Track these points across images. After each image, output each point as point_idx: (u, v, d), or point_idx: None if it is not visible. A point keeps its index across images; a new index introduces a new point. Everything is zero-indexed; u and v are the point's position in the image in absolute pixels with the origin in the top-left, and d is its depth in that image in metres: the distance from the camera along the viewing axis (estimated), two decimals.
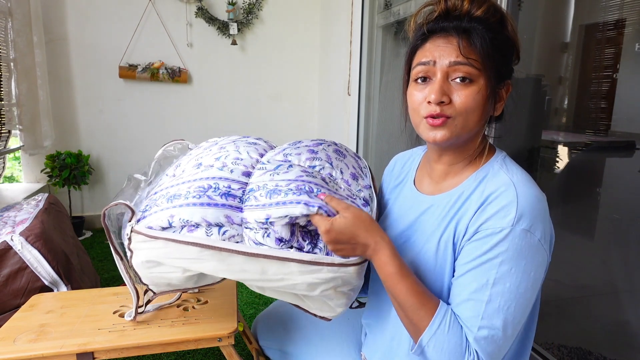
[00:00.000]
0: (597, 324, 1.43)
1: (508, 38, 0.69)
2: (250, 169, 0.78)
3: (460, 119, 0.67)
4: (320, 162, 0.80)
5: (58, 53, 2.74)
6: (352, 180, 0.81)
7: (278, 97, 3.30)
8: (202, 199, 0.69)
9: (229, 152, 0.82)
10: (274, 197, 0.68)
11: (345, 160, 0.85)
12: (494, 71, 0.67)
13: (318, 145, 0.86)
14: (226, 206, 0.70)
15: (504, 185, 0.64)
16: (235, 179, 0.75)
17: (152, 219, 0.70)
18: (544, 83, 1.56)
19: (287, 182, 0.71)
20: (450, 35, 0.67)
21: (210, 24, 2.96)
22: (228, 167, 0.77)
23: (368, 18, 2.53)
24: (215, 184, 0.73)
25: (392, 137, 2.56)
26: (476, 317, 0.61)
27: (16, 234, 1.31)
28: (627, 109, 1.26)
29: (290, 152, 0.83)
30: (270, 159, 0.81)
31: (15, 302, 1.24)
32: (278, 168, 0.76)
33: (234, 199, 0.71)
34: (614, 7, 1.28)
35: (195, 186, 0.72)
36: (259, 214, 0.68)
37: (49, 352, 0.87)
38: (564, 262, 1.50)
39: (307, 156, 0.81)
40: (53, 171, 2.60)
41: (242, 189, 0.73)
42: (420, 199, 0.78)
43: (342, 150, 0.88)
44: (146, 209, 0.73)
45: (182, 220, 0.68)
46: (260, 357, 1.10)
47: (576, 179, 1.54)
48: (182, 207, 0.69)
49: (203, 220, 0.68)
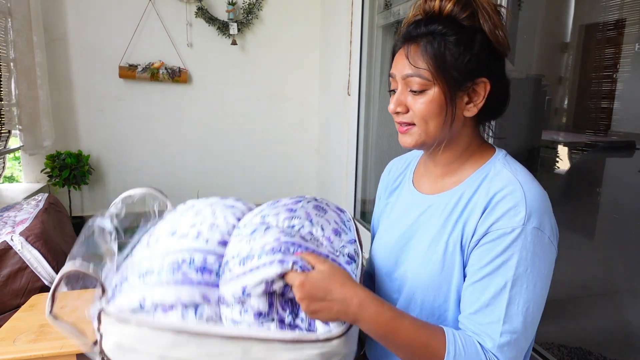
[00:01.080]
0: (597, 324, 1.43)
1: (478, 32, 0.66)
2: (226, 237, 0.73)
3: (422, 126, 0.69)
4: (300, 220, 0.76)
5: (58, 53, 2.74)
6: (335, 236, 0.77)
7: (278, 97, 3.30)
8: (176, 276, 0.63)
9: (205, 217, 0.76)
10: (247, 263, 0.64)
11: (327, 215, 0.81)
12: (451, 76, 0.66)
13: (297, 203, 0.82)
14: (202, 283, 0.64)
15: (510, 184, 0.64)
16: (211, 250, 0.69)
17: (122, 299, 0.63)
18: (544, 83, 1.56)
19: (261, 245, 0.66)
20: (404, 45, 0.69)
21: (210, 24, 2.96)
22: (203, 235, 0.72)
23: (368, 18, 2.53)
24: (190, 257, 0.67)
25: (392, 137, 2.56)
26: (497, 322, 0.60)
27: (16, 234, 1.31)
28: (627, 109, 1.26)
29: (267, 213, 0.78)
30: (247, 222, 0.76)
31: (15, 302, 1.24)
32: (254, 233, 0.71)
33: (210, 274, 0.66)
34: (614, 7, 1.28)
35: (170, 260, 0.66)
36: (234, 286, 0.62)
37: (49, 352, 0.87)
38: (564, 262, 1.50)
39: (285, 215, 0.77)
40: (53, 171, 2.60)
41: (218, 262, 0.68)
42: (419, 199, 0.78)
43: (322, 206, 0.84)
44: (116, 285, 0.67)
45: (155, 302, 0.62)
46: None
47: (576, 179, 1.54)
48: (154, 286, 0.63)
49: (178, 301, 0.62)
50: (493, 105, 0.70)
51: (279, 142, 3.36)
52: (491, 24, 0.66)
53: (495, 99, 0.70)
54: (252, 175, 3.35)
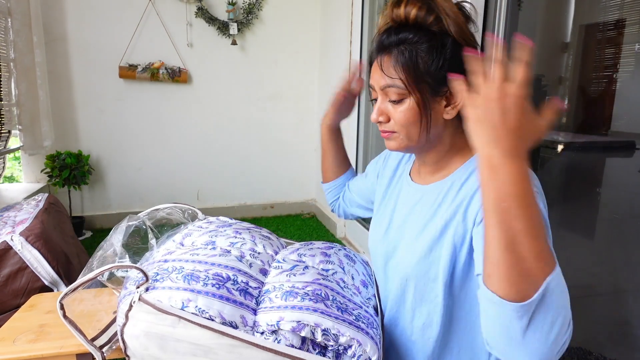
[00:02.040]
0: (597, 324, 1.43)
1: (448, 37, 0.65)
2: (266, 267, 0.76)
3: (403, 133, 0.71)
4: (333, 265, 0.78)
5: (58, 53, 2.74)
6: (363, 287, 0.79)
7: (278, 97, 3.30)
8: (222, 291, 0.66)
9: (245, 241, 0.80)
10: (289, 299, 0.67)
11: (355, 266, 0.84)
12: (426, 83, 0.66)
13: (330, 249, 0.85)
14: (243, 305, 0.66)
15: None
16: (254, 276, 0.72)
17: (164, 293, 0.65)
18: (544, 83, 1.56)
19: (303, 285, 0.69)
20: (378, 57, 0.70)
21: (210, 24, 2.96)
22: (247, 259, 0.75)
23: (368, 18, 2.53)
24: (235, 276, 0.69)
25: None
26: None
27: (16, 234, 1.31)
28: (627, 109, 1.27)
29: (304, 253, 0.81)
30: (285, 257, 0.80)
31: (15, 302, 1.24)
32: (294, 268, 0.75)
33: (251, 299, 0.68)
34: (614, 7, 1.28)
35: (214, 272, 0.69)
36: (272, 316, 0.65)
37: (49, 352, 0.87)
38: (564, 262, 1.50)
39: (320, 259, 0.80)
40: (53, 171, 2.60)
41: (258, 289, 0.71)
42: (414, 189, 0.80)
43: (351, 256, 0.86)
44: (156, 278, 0.68)
45: (198, 308, 0.64)
46: None
47: (576, 178, 1.54)
48: (201, 294, 0.65)
49: (219, 315, 0.64)
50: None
51: (278, 141, 3.36)
52: (456, 25, 0.66)
53: None
54: (252, 175, 3.35)
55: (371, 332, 0.69)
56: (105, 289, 1.19)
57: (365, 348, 0.66)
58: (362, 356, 0.65)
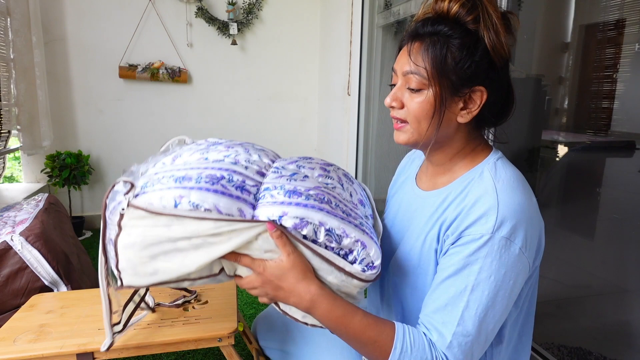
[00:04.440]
0: (597, 324, 1.43)
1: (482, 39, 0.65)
2: (264, 170, 0.73)
3: (414, 125, 0.70)
4: (332, 181, 0.76)
5: (57, 53, 2.73)
6: (360, 205, 0.78)
7: (278, 97, 3.30)
8: (216, 187, 0.63)
9: (239, 153, 0.76)
10: (293, 197, 0.64)
11: (354, 185, 0.83)
12: (449, 79, 0.65)
13: (329, 165, 0.83)
14: (240, 199, 0.63)
15: (486, 191, 0.64)
16: (250, 176, 0.69)
17: (154, 195, 0.62)
18: (544, 83, 1.56)
19: (306, 188, 0.67)
20: (409, 41, 0.69)
21: (210, 24, 2.96)
22: (242, 163, 0.71)
23: (368, 18, 2.53)
24: (230, 175, 0.66)
25: (392, 137, 2.56)
26: (452, 322, 0.61)
27: (16, 234, 1.31)
28: (627, 109, 1.26)
29: (303, 165, 0.78)
30: (284, 166, 0.76)
31: (15, 302, 1.24)
32: (294, 175, 0.72)
33: (249, 194, 0.65)
34: (614, 7, 1.28)
35: (207, 173, 0.65)
36: (273, 210, 0.63)
37: (49, 352, 0.87)
38: (564, 262, 1.50)
39: (319, 172, 0.77)
40: (53, 171, 2.59)
41: (256, 187, 0.68)
42: (417, 194, 0.79)
43: (349, 176, 0.85)
44: (146, 184, 0.65)
45: (192, 203, 0.60)
46: (260, 357, 1.10)
47: (576, 179, 1.54)
48: (194, 189, 0.61)
49: (215, 208, 0.60)
50: (489, 115, 0.69)
51: (278, 141, 3.36)
52: (493, 31, 0.64)
53: (491, 110, 0.69)
54: None
55: (374, 238, 0.68)
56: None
57: (370, 252, 0.65)
58: (366, 259, 0.65)
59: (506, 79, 0.70)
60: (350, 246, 0.64)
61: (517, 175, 0.68)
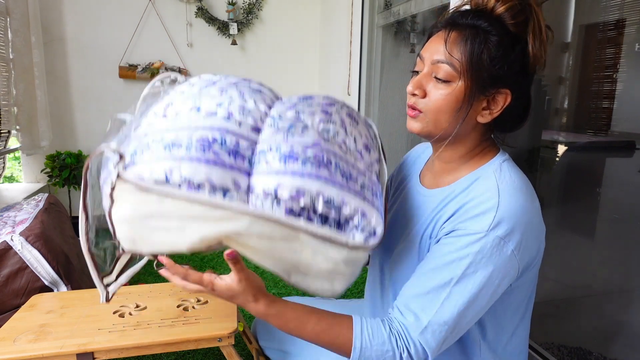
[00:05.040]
0: (597, 324, 1.43)
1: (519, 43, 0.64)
2: (259, 123, 0.68)
3: (431, 116, 0.68)
4: (334, 126, 0.70)
5: (57, 53, 2.73)
6: (365, 151, 0.73)
7: None
8: (208, 155, 0.59)
9: (233, 98, 0.70)
10: (289, 163, 0.60)
11: (359, 127, 0.77)
12: (480, 76, 0.64)
13: (331, 105, 0.76)
14: (234, 168, 0.60)
15: (488, 190, 0.64)
16: (244, 135, 0.64)
17: (144, 167, 0.59)
18: (544, 83, 1.56)
19: (303, 147, 0.62)
20: (446, 31, 0.67)
21: (210, 24, 2.96)
22: (235, 118, 0.66)
23: (368, 18, 2.53)
24: (222, 137, 0.62)
25: (392, 137, 2.56)
26: (431, 309, 0.62)
27: (16, 234, 1.31)
28: (627, 109, 1.27)
29: (302, 110, 0.72)
30: (281, 113, 0.70)
31: (15, 302, 1.24)
32: (292, 128, 0.66)
33: (243, 160, 0.62)
34: (614, 7, 1.28)
35: (198, 136, 0.61)
36: (269, 180, 0.59)
37: (49, 352, 0.87)
38: (564, 262, 1.50)
39: (320, 117, 0.71)
40: (53, 171, 2.59)
41: (251, 148, 0.63)
42: (420, 192, 0.79)
43: (354, 115, 0.79)
44: (135, 151, 0.61)
45: (183, 177, 0.57)
46: (260, 357, 1.10)
47: (576, 179, 1.54)
48: (184, 160, 0.58)
49: (207, 181, 0.58)
50: (507, 119, 0.69)
51: None
52: (538, 40, 0.64)
53: (511, 114, 0.69)
54: None
55: (376, 202, 0.65)
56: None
57: (371, 220, 0.62)
58: (367, 228, 0.61)
59: (530, 88, 0.70)
60: (351, 214, 0.61)
61: (522, 178, 0.67)
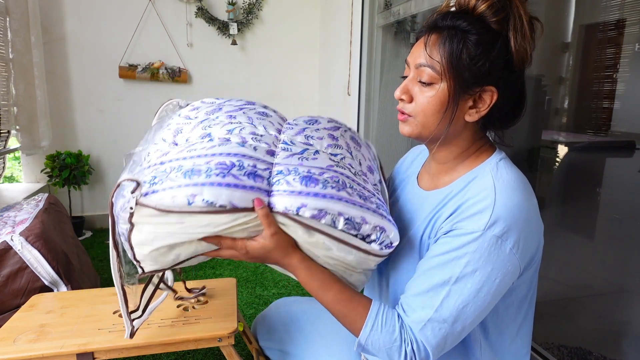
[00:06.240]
0: (597, 324, 1.43)
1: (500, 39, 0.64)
2: (273, 148, 0.71)
3: (419, 119, 0.69)
4: (341, 150, 0.74)
5: (57, 53, 2.73)
6: (369, 173, 0.77)
7: (278, 97, 3.29)
8: (228, 179, 0.61)
9: (243, 125, 0.73)
10: (310, 185, 0.63)
11: (362, 150, 0.81)
12: (462, 75, 0.64)
13: (336, 130, 0.80)
14: (255, 189, 0.62)
15: (485, 189, 0.64)
16: (261, 159, 0.67)
17: (165, 195, 0.60)
18: (544, 83, 1.56)
19: (319, 171, 0.66)
20: (427, 34, 0.68)
21: (210, 24, 2.96)
22: (249, 143, 0.69)
23: (368, 18, 2.53)
24: (240, 161, 0.64)
25: (392, 137, 2.56)
26: (430, 308, 0.62)
27: (16, 234, 1.31)
28: (627, 109, 1.26)
29: (311, 135, 0.76)
30: (292, 139, 0.74)
31: (15, 302, 1.24)
32: (304, 152, 0.70)
33: (262, 180, 0.64)
34: (614, 7, 1.28)
35: (216, 162, 0.63)
36: (292, 201, 0.62)
37: (49, 352, 0.87)
38: (565, 262, 1.50)
39: (328, 142, 0.74)
40: (53, 171, 2.59)
41: (268, 170, 0.66)
42: (418, 194, 0.79)
43: (356, 138, 0.83)
44: (155, 181, 0.63)
45: (206, 201, 0.59)
46: (260, 357, 1.10)
47: (576, 179, 1.54)
48: (205, 186, 0.60)
49: (229, 203, 0.60)
50: (497, 116, 0.69)
51: None
52: (520, 35, 0.64)
53: (500, 111, 0.68)
54: None
55: (391, 218, 0.69)
56: (105, 289, 1.19)
57: (389, 234, 0.66)
58: (385, 241, 0.67)
59: (520, 84, 0.69)
60: (369, 232, 0.65)
61: (519, 177, 0.67)
